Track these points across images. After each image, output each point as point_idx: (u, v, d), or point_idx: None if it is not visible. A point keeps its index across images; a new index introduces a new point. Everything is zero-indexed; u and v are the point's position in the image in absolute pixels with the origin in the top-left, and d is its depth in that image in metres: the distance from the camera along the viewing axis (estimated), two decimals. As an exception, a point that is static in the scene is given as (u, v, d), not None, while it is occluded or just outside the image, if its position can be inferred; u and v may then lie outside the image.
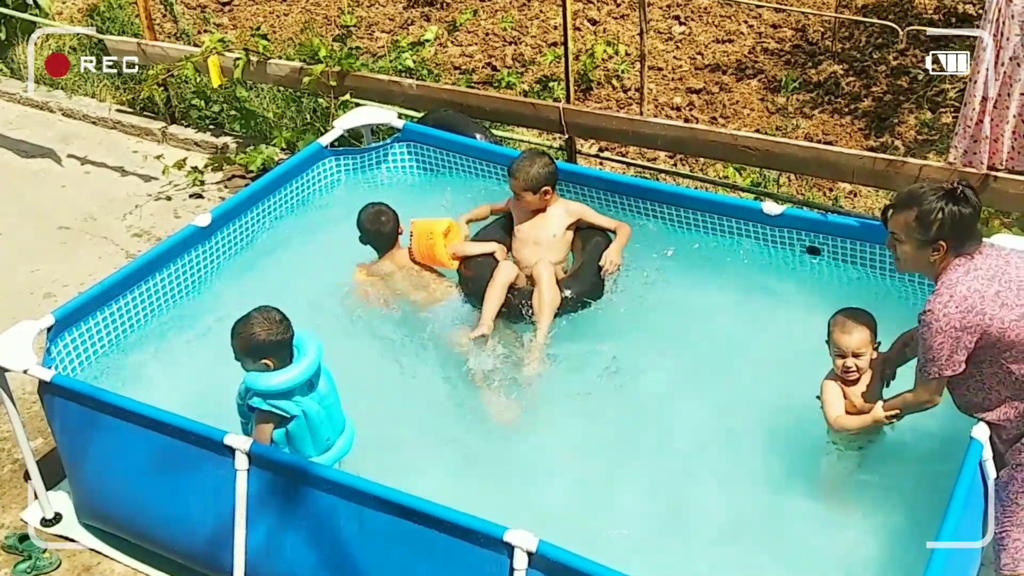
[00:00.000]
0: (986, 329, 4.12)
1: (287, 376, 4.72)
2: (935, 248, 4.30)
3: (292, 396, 4.73)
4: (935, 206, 4.24)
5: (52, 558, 5.32)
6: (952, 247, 4.27)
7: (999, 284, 4.14)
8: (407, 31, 10.07)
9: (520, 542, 4.04)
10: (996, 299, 4.11)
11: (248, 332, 4.80)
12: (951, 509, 4.13)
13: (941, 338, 4.18)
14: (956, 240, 4.26)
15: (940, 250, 4.30)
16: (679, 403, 5.50)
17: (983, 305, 4.11)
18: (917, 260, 4.42)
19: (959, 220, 4.22)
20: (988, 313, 4.10)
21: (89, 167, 8.93)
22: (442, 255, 6.22)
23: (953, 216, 4.21)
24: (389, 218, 6.29)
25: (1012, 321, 4.09)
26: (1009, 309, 4.10)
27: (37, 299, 7.19)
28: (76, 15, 10.97)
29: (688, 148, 7.23)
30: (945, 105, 8.09)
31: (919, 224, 4.30)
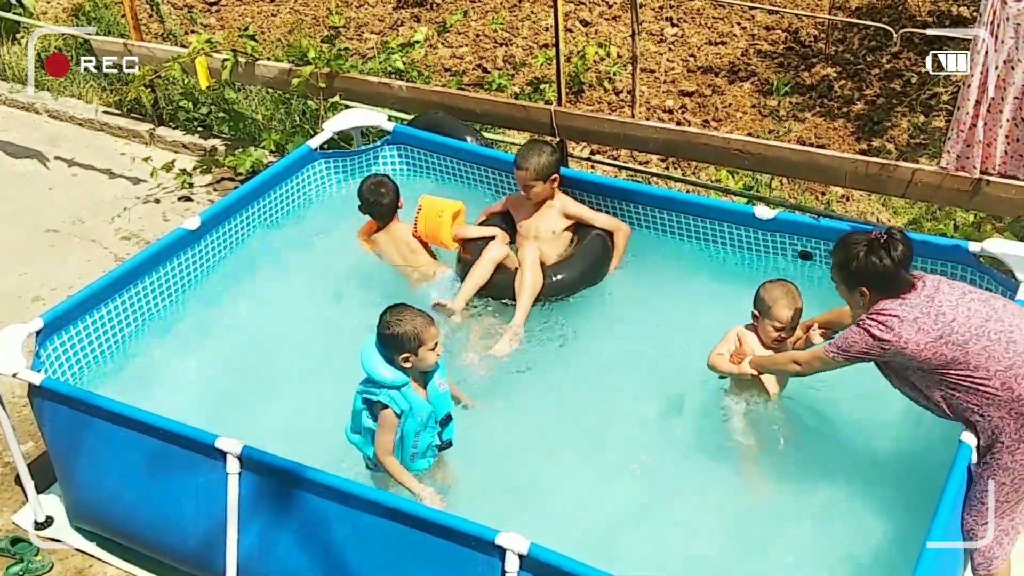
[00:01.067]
0: (901, 350, 4.31)
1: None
2: (860, 293, 4.51)
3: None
4: (853, 255, 4.47)
5: (44, 561, 5.30)
6: (876, 293, 4.46)
7: (920, 311, 4.30)
8: (397, 32, 10.04)
9: (512, 545, 4.04)
10: (914, 324, 4.28)
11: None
12: (940, 511, 4.14)
13: (859, 338, 4.43)
14: (877, 288, 4.46)
15: (865, 295, 4.50)
16: (659, 404, 5.50)
17: (902, 329, 4.30)
18: (852, 303, 4.65)
19: (877, 271, 4.41)
20: (905, 337, 4.29)
21: (76, 169, 8.88)
22: (446, 236, 6.27)
23: (870, 266, 4.42)
24: (388, 190, 6.35)
25: (927, 344, 4.26)
26: (924, 334, 4.27)
27: (25, 303, 7.14)
28: (61, 15, 10.92)
29: (680, 151, 7.20)
30: (938, 109, 8.10)
31: (842, 272, 4.57)
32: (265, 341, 6.09)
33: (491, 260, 5.99)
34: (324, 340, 6.03)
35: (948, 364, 4.26)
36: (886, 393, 5.10)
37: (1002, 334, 4.22)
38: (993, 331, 4.23)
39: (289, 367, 5.89)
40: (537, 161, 6.10)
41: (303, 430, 5.40)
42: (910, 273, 4.46)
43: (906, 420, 5.05)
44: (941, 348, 4.25)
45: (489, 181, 6.88)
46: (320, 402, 5.63)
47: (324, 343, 6.02)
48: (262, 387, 5.74)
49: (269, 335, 6.13)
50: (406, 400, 4.73)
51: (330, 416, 5.52)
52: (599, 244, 6.22)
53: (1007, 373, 4.19)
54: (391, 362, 4.72)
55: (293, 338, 6.09)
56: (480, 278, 5.97)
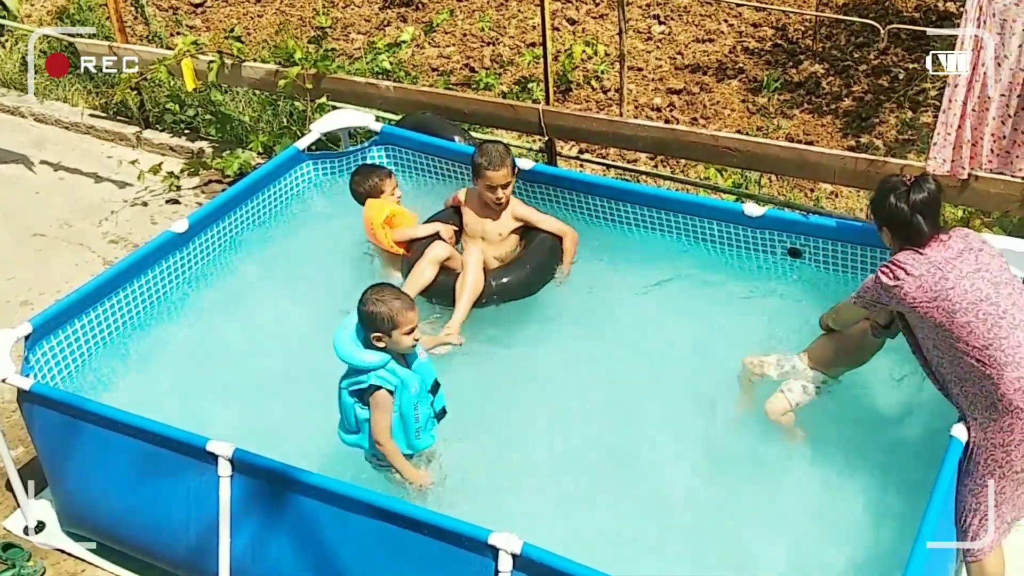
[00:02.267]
0: (901, 300, 4.46)
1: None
2: (884, 232, 4.71)
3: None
4: (880, 194, 4.67)
5: (36, 566, 5.29)
6: (896, 235, 4.62)
7: (926, 269, 4.43)
8: (383, 32, 10.03)
9: (505, 544, 4.04)
10: (916, 280, 4.41)
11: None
12: (931, 507, 4.15)
13: (871, 284, 4.61)
14: (894, 231, 4.63)
15: (887, 236, 4.69)
16: (651, 402, 5.49)
17: (904, 282, 4.44)
18: (885, 242, 4.77)
19: (893, 213, 4.57)
20: (905, 289, 4.43)
21: (63, 173, 8.85)
22: (383, 240, 6.28)
23: (888, 207, 4.59)
24: (359, 181, 6.47)
25: (922, 302, 4.39)
26: (923, 292, 4.39)
27: (14, 307, 7.11)
28: (45, 17, 10.88)
29: (669, 149, 7.20)
30: (926, 104, 8.11)
31: (871, 207, 4.81)
32: (254, 343, 6.07)
33: (432, 262, 5.94)
34: (314, 341, 5.99)
35: (936, 327, 4.37)
36: (877, 388, 5.13)
37: (990, 316, 4.29)
38: (983, 311, 4.30)
39: (279, 369, 5.88)
40: (510, 160, 6.05)
41: (294, 432, 5.38)
42: (938, 226, 4.56)
43: (901, 416, 5.07)
44: (932, 310, 4.36)
45: (478, 181, 6.87)
46: (311, 404, 5.60)
47: (314, 344, 5.97)
48: (253, 390, 5.72)
49: (258, 337, 6.12)
50: (395, 376, 4.71)
51: (321, 417, 5.51)
52: (546, 248, 6.19)
53: (983, 352, 4.27)
54: (366, 342, 4.71)
55: (282, 340, 6.07)
56: (420, 279, 5.91)
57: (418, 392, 4.78)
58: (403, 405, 4.75)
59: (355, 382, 4.75)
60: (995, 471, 4.35)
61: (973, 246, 4.51)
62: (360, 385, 4.73)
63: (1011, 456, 4.31)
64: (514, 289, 6.03)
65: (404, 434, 4.83)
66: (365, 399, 4.77)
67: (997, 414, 4.27)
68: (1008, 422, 4.26)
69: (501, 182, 6.04)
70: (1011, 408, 4.24)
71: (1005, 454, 4.30)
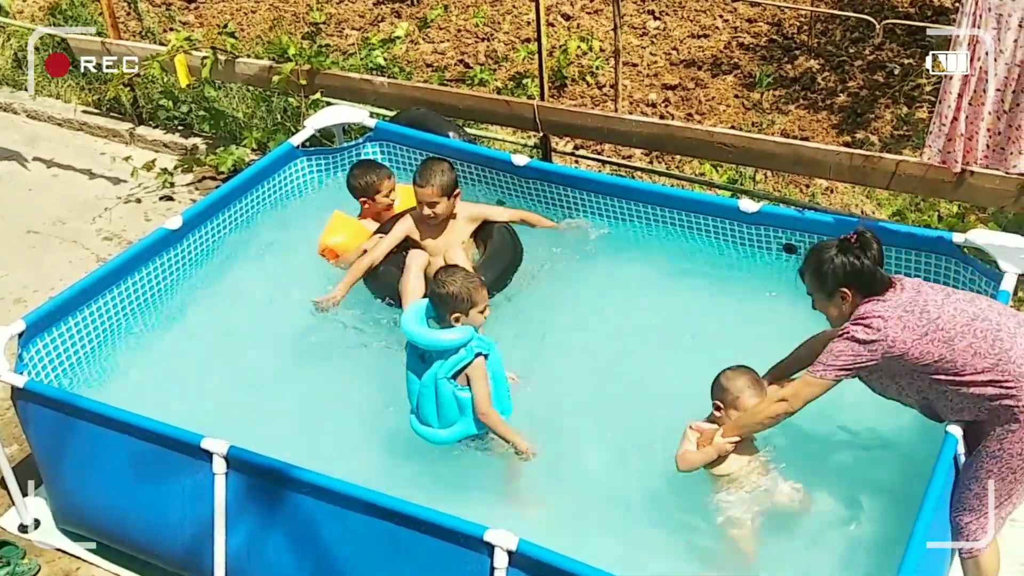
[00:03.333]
0: (888, 351, 4.32)
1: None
2: (841, 296, 4.52)
3: None
4: (827, 257, 4.50)
5: (31, 564, 5.28)
6: (857, 293, 4.48)
7: (903, 310, 4.33)
8: (377, 28, 10.00)
9: (500, 541, 4.05)
10: (899, 323, 4.31)
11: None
12: (926, 504, 4.15)
13: (844, 347, 4.39)
14: (858, 287, 4.47)
15: (846, 298, 4.51)
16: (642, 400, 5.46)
17: (886, 329, 4.31)
18: (833, 313, 4.62)
19: (853, 269, 4.45)
20: (891, 336, 4.31)
21: (56, 170, 8.82)
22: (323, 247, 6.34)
23: (845, 266, 4.46)
24: (357, 175, 6.48)
25: (914, 341, 4.29)
26: (910, 331, 4.29)
27: (7, 305, 7.10)
28: (38, 13, 10.85)
29: (664, 145, 7.21)
30: (921, 100, 8.11)
31: (818, 279, 4.57)
32: (249, 340, 6.07)
33: (419, 269, 5.94)
34: (309, 338, 6.01)
35: (937, 363, 4.28)
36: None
37: (988, 332, 4.25)
38: (979, 329, 4.26)
39: (274, 365, 5.87)
40: (441, 178, 5.96)
41: (290, 429, 5.39)
42: (888, 275, 4.49)
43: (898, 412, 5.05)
44: (928, 345, 4.27)
45: (472, 177, 6.85)
46: (306, 400, 5.62)
47: (309, 341, 6.00)
48: (247, 386, 5.72)
49: (252, 334, 6.11)
50: (483, 340, 4.89)
51: (317, 414, 5.54)
52: (508, 237, 6.22)
53: (994, 370, 4.21)
54: (443, 321, 4.88)
55: (277, 336, 6.07)
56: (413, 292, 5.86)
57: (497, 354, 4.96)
58: (494, 369, 4.91)
59: (457, 362, 4.84)
60: (1007, 476, 4.32)
61: (922, 282, 4.50)
62: (464, 361, 4.84)
63: None
64: (502, 280, 6.03)
65: (498, 399, 4.96)
66: (464, 377, 4.88)
67: (1018, 424, 4.22)
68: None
69: (425, 199, 5.97)
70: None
71: (1022, 461, 4.28)
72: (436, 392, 4.91)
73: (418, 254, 6.01)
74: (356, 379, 5.73)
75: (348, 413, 5.53)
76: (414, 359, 5.00)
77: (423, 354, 4.93)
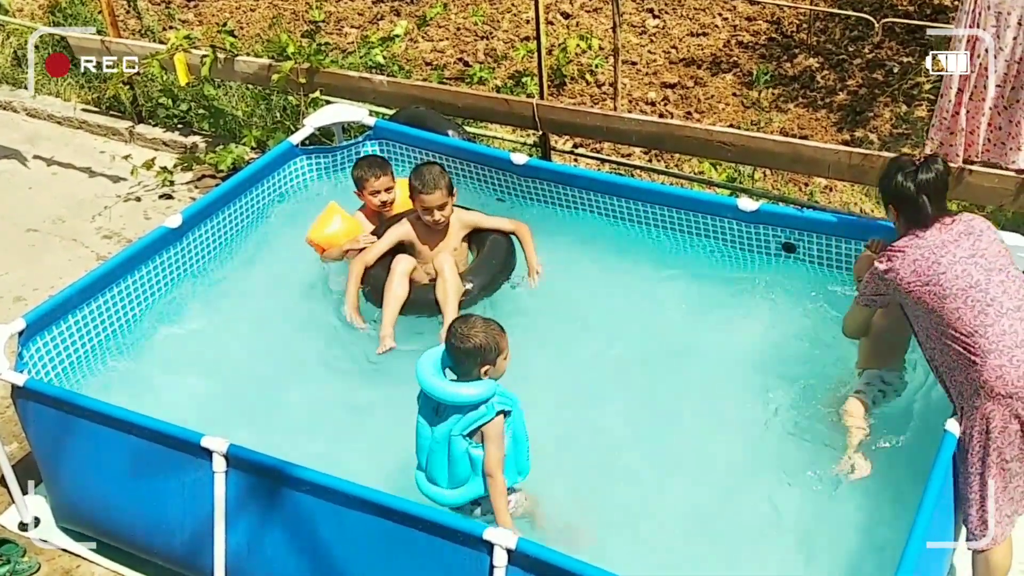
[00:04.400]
0: (897, 286, 4.53)
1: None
2: (890, 211, 4.74)
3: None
4: (887, 172, 4.71)
5: (31, 562, 5.29)
6: (902, 214, 4.65)
7: (923, 253, 4.49)
8: (377, 26, 10.00)
9: (500, 540, 4.05)
10: (912, 265, 4.48)
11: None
12: (925, 502, 4.16)
13: (870, 276, 4.70)
14: (900, 209, 4.66)
15: (893, 215, 4.72)
16: (642, 399, 5.48)
17: (900, 265, 4.52)
18: (893, 224, 4.80)
19: (898, 191, 4.61)
20: (899, 272, 4.51)
21: (56, 168, 8.82)
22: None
23: (893, 186, 4.63)
24: (357, 164, 6.44)
25: (915, 285, 4.46)
26: (916, 276, 4.46)
27: (7, 303, 7.11)
28: (37, 11, 10.83)
29: (663, 144, 7.21)
30: (920, 98, 8.11)
31: (878, 185, 4.83)
32: (248, 339, 6.07)
33: (403, 275, 5.86)
34: (309, 337, 6.01)
35: (929, 313, 4.43)
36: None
37: (977, 303, 4.34)
38: (972, 298, 4.35)
39: (274, 364, 5.88)
40: (444, 180, 5.89)
41: (289, 427, 5.39)
42: (944, 208, 4.59)
43: (896, 410, 5.06)
44: (924, 294, 4.44)
45: (471, 175, 6.85)
46: (305, 398, 5.62)
47: (309, 340, 6.00)
48: (247, 385, 5.73)
49: (252, 332, 6.11)
50: (506, 395, 4.56)
51: (316, 412, 5.53)
52: (503, 243, 6.16)
53: (969, 339, 4.32)
54: (469, 375, 4.52)
55: (277, 335, 6.07)
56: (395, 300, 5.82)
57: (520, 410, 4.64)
58: (515, 427, 4.59)
59: (476, 418, 4.49)
60: (979, 458, 4.36)
61: (974, 230, 4.53)
62: (484, 418, 4.48)
63: (993, 444, 4.32)
64: (492, 286, 6.02)
65: (516, 459, 4.63)
66: (480, 435, 4.53)
67: (979, 401, 4.30)
68: (989, 409, 4.29)
69: (436, 204, 5.88)
70: (992, 395, 4.27)
71: (989, 441, 4.32)
72: (449, 449, 4.57)
73: (404, 258, 5.94)
74: (356, 378, 5.74)
75: (348, 412, 5.54)
76: (428, 411, 4.63)
77: (438, 407, 4.58)
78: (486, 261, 6.07)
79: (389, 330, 5.75)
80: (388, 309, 5.80)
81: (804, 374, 5.37)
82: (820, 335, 5.59)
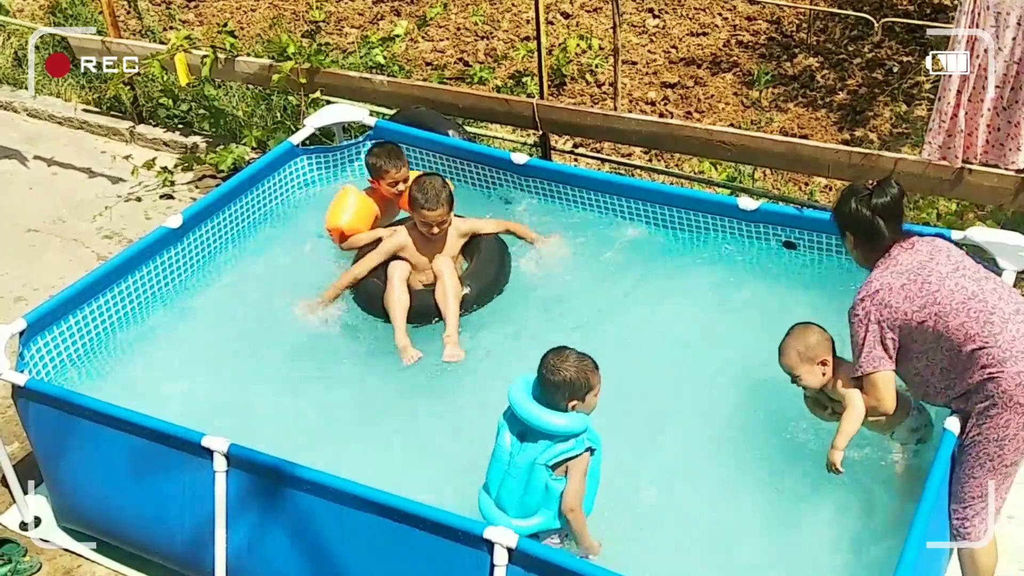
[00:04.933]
0: (894, 323, 4.37)
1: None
2: (846, 238, 4.66)
3: None
4: (841, 199, 4.62)
5: (32, 561, 5.30)
6: (859, 240, 4.58)
7: (907, 278, 4.38)
8: (377, 26, 10.01)
9: (500, 538, 4.06)
10: (901, 292, 4.35)
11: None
12: (924, 501, 4.15)
13: (861, 331, 4.43)
14: (857, 234, 4.58)
15: (849, 242, 4.64)
16: (643, 398, 5.45)
17: (890, 298, 4.36)
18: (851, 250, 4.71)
19: (855, 218, 4.53)
20: (894, 306, 4.35)
21: (56, 168, 8.83)
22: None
23: (850, 213, 4.54)
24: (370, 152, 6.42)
25: (914, 312, 4.33)
26: (910, 302, 4.33)
27: (8, 303, 7.11)
28: (38, 12, 10.84)
29: (663, 143, 7.21)
30: (920, 98, 8.12)
31: (832, 213, 4.72)
32: (249, 338, 6.06)
33: (402, 280, 5.84)
34: (309, 337, 6.01)
35: (932, 336, 4.33)
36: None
37: (981, 314, 4.27)
38: (974, 309, 4.28)
39: (273, 363, 5.87)
40: (446, 195, 5.85)
41: (289, 427, 5.38)
42: (900, 231, 4.53)
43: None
44: (925, 318, 4.31)
45: (471, 175, 6.86)
46: (307, 399, 5.62)
47: (309, 340, 6.00)
48: (247, 384, 5.72)
49: (253, 332, 6.11)
50: (594, 434, 4.47)
51: (316, 413, 5.53)
52: (496, 247, 6.17)
53: (981, 351, 4.25)
54: (555, 407, 4.42)
55: (277, 335, 6.06)
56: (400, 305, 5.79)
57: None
58: (595, 464, 4.52)
59: (565, 451, 4.40)
60: (985, 464, 4.35)
61: (942, 247, 4.50)
62: (572, 452, 4.41)
63: (1004, 451, 4.30)
64: (490, 291, 6.00)
65: (589, 498, 4.55)
66: (564, 469, 4.45)
67: (996, 410, 4.25)
68: (1006, 418, 4.24)
69: (437, 220, 5.85)
70: (1010, 404, 4.22)
71: (999, 448, 4.30)
72: (529, 476, 4.46)
73: (400, 265, 5.92)
74: (356, 378, 5.74)
75: (348, 411, 5.54)
76: (513, 436, 4.53)
77: (524, 432, 4.48)
78: (483, 265, 6.06)
79: (406, 340, 5.70)
80: (397, 319, 5.76)
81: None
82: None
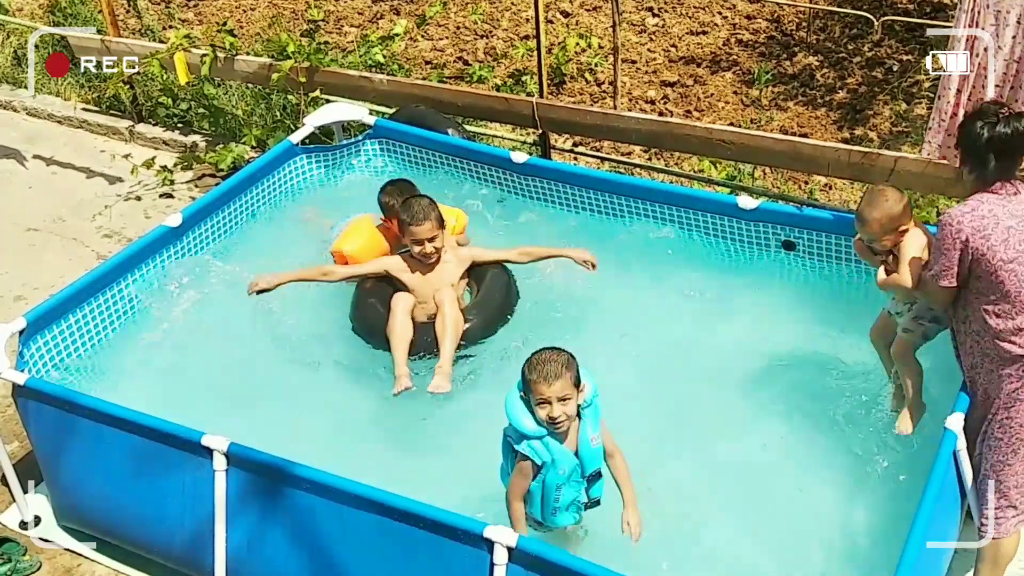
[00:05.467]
0: (982, 256, 4.13)
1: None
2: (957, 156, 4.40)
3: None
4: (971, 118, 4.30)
5: (32, 560, 5.30)
6: (971, 165, 4.27)
7: (1016, 222, 4.14)
8: (376, 25, 10.01)
9: (500, 538, 4.06)
10: (1004, 233, 4.11)
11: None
12: (924, 500, 4.15)
13: (948, 243, 4.19)
14: (968, 156, 4.28)
15: (963, 163, 4.32)
16: (643, 398, 5.45)
17: (992, 231, 4.12)
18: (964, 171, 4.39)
19: (971, 138, 4.23)
20: (991, 242, 4.11)
21: (56, 168, 8.82)
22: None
23: (970, 133, 4.24)
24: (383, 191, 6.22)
25: (1002, 262, 4.11)
26: (1007, 248, 4.11)
27: (7, 302, 7.11)
28: (37, 11, 10.84)
29: (663, 142, 7.22)
30: (920, 96, 8.12)
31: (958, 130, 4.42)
32: (249, 338, 6.06)
33: (404, 311, 5.69)
34: (308, 337, 6.01)
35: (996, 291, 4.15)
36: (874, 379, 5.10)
37: None
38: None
39: (274, 363, 5.87)
40: (434, 211, 5.72)
41: (289, 426, 5.38)
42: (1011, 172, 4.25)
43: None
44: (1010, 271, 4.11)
45: (470, 174, 6.86)
46: (306, 398, 5.62)
47: (308, 340, 5.99)
48: (247, 383, 5.72)
49: (253, 332, 6.10)
50: (548, 451, 4.33)
51: (316, 412, 5.53)
52: (503, 279, 6.02)
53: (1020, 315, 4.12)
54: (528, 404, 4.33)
55: (277, 335, 6.06)
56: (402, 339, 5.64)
57: (567, 475, 4.39)
58: (547, 482, 4.40)
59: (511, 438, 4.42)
60: (1019, 450, 4.29)
61: None
62: (512, 444, 4.40)
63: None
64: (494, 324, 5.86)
65: (539, 506, 4.50)
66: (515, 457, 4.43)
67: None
68: None
69: (426, 235, 5.70)
70: None
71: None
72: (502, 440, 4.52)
73: (403, 296, 5.77)
74: (356, 377, 5.74)
75: (348, 410, 5.54)
76: None
77: None
78: (487, 297, 5.92)
79: (404, 369, 5.56)
80: (398, 350, 5.62)
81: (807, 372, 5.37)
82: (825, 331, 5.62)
